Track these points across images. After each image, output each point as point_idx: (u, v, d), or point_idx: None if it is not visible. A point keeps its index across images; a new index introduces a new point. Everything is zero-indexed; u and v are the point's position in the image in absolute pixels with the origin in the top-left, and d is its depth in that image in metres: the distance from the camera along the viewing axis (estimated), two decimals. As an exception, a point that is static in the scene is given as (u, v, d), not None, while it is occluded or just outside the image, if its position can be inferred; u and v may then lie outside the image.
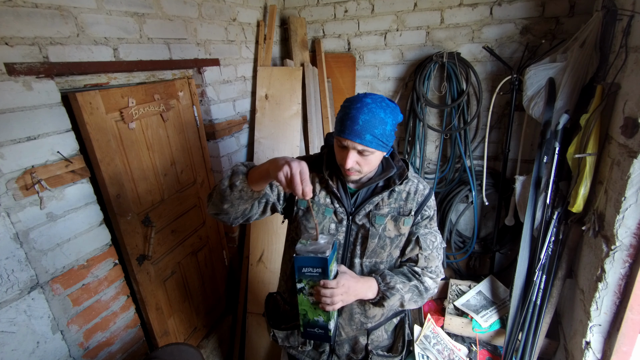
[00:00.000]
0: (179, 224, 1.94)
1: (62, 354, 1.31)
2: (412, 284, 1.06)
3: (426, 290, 1.09)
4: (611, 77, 1.44)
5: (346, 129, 0.94)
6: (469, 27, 2.13)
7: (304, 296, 0.95)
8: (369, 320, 1.15)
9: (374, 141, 0.94)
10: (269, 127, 2.31)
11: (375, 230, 1.06)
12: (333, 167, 1.10)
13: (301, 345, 1.21)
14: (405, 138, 2.43)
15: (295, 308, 1.21)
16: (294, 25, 2.43)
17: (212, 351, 2.24)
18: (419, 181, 1.12)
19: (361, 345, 1.19)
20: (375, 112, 0.93)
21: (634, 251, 1.26)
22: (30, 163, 1.17)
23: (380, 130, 0.94)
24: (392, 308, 1.07)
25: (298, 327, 1.19)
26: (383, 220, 1.06)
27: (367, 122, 0.92)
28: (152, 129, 1.71)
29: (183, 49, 1.78)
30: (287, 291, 1.25)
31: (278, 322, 1.26)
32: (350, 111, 0.94)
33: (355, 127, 0.92)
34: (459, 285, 2.31)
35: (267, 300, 1.36)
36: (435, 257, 1.11)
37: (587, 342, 1.45)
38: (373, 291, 1.02)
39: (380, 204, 1.07)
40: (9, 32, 1.10)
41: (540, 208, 1.73)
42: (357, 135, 0.92)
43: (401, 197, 1.09)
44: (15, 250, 1.15)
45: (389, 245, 1.09)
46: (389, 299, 1.01)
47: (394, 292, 1.02)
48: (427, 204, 1.10)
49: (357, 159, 0.97)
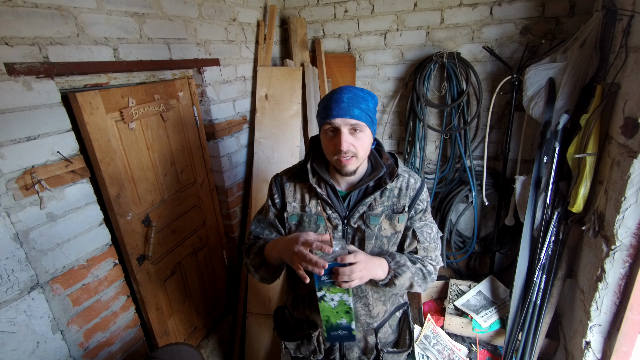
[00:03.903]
0: (179, 224, 1.94)
1: (62, 354, 1.31)
2: (417, 266, 1.07)
3: (429, 274, 1.09)
4: (611, 77, 1.44)
5: (333, 111, 0.97)
6: (469, 27, 2.13)
7: (325, 303, 0.96)
8: (374, 319, 1.16)
9: (363, 115, 0.97)
10: (269, 127, 2.31)
11: (371, 232, 1.06)
12: (320, 173, 1.08)
13: (312, 354, 1.21)
14: (405, 138, 2.43)
15: (299, 321, 1.23)
16: (294, 25, 2.43)
17: (212, 351, 2.24)
18: (409, 175, 1.11)
19: (371, 345, 1.19)
20: (355, 92, 0.99)
21: (634, 251, 1.26)
22: (30, 163, 1.17)
23: (365, 105, 0.98)
24: (402, 287, 1.05)
25: (307, 336, 1.19)
26: (378, 220, 1.06)
27: (351, 99, 0.97)
28: (152, 129, 1.71)
29: (183, 49, 1.78)
30: (291, 305, 1.26)
31: (287, 334, 1.27)
32: (332, 96, 0.99)
33: (342, 105, 0.96)
34: (459, 285, 2.31)
35: (275, 313, 1.37)
36: (433, 248, 1.12)
37: (587, 342, 1.45)
38: (384, 270, 1.00)
39: (373, 204, 1.07)
40: (9, 32, 1.10)
41: (540, 208, 1.73)
42: (346, 112, 0.96)
43: (393, 194, 1.08)
44: (15, 250, 1.15)
45: (387, 244, 1.09)
46: (400, 277, 1.01)
47: (405, 269, 1.02)
48: (419, 197, 1.10)
49: (351, 140, 0.98)
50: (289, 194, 1.12)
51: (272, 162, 2.29)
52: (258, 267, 1.10)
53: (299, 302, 1.20)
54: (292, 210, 1.11)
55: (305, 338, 1.19)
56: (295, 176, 1.14)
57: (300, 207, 1.11)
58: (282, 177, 1.16)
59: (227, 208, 2.28)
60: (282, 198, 1.13)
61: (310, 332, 1.18)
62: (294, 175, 1.14)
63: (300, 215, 1.10)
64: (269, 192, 1.17)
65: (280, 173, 1.18)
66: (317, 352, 1.19)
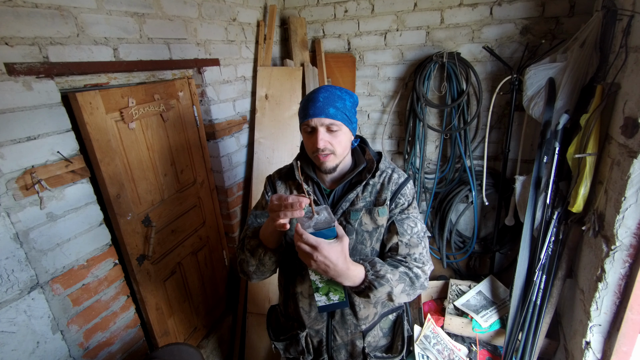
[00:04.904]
0: (179, 224, 1.94)
1: (62, 354, 1.31)
2: (401, 270, 0.97)
3: (417, 278, 0.99)
4: (611, 77, 1.44)
5: (309, 110, 0.98)
6: (469, 27, 2.13)
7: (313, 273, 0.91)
8: (362, 321, 1.13)
9: (338, 114, 0.99)
10: (269, 127, 2.31)
11: (351, 227, 1.05)
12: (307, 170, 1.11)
13: (301, 355, 1.20)
14: (405, 138, 2.43)
15: (290, 319, 1.23)
16: (294, 25, 2.43)
17: (212, 351, 2.24)
18: (393, 171, 1.11)
19: (358, 349, 1.17)
20: (332, 91, 1.01)
21: (634, 251, 1.26)
22: (30, 163, 1.17)
23: (341, 104, 0.99)
24: (378, 300, 0.99)
25: (295, 337, 1.19)
26: (358, 215, 1.06)
27: (326, 98, 0.99)
28: (152, 129, 1.71)
29: (183, 49, 1.78)
30: (282, 304, 1.26)
31: (278, 333, 1.28)
32: (310, 96, 1.02)
33: (317, 105, 0.98)
34: (459, 285, 2.31)
35: (269, 312, 1.38)
36: (416, 244, 1.04)
37: (587, 342, 1.45)
38: (359, 277, 0.91)
39: (355, 200, 1.07)
40: (9, 32, 1.10)
41: (540, 208, 1.73)
42: (321, 111, 0.97)
43: (376, 189, 1.09)
44: (15, 250, 1.15)
45: (369, 239, 1.07)
46: (376, 290, 0.91)
47: (383, 282, 0.91)
48: (401, 192, 1.07)
49: (327, 138, 0.99)
50: (280, 191, 1.16)
51: (272, 162, 2.29)
52: (254, 249, 1.03)
53: (289, 300, 1.20)
54: None
55: (294, 338, 1.19)
56: (285, 175, 1.19)
57: None
58: (274, 176, 1.21)
59: (227, 208, 2.28)
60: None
61: (297, 333, 1.18)
62: (285, 174, 1.19)
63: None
64: (264, 189, 1.22)
65: (273, 173, 1.24)
66: (305, 352, 1.19)
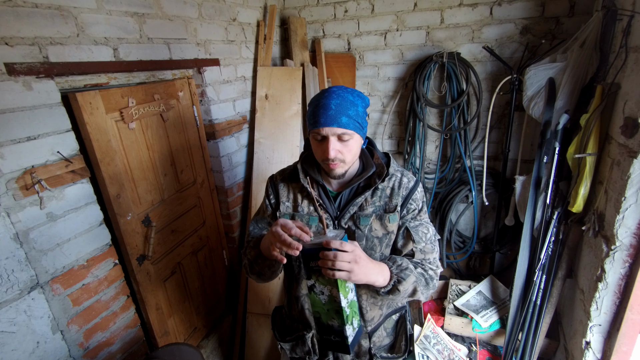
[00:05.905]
0: (179, 224, 1.94)
1: (62, 354, 1.31)
2: (418, 271, 1.02)
3: (431, 279, 1.04)
4: (611, 77, 1.44)
5: (320, 118, 0.94)
6: (469, 27, 2.13)
7: (315, 295, 0.88)
8: (368, 323, 1.14)
9: (351, 122, 0.94)
10: (269, 127, 2.31)
11: (361, 232, 1.04)
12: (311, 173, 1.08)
13: (307, 355, 1.19)
14: (405, 138, 2.43)
15: (295, 321, 1.22)
16: (294, 25, 2.43)
17: (212, 351, 2.24)
18: (402, 175, 1.09)
19: (364, 349, 1.18)
20: (344, 96, 0.95)
21: (634, 251, 1.26)
22: (30, 163, 1.17)
23: (354, 111, 0.95)
24: (406, 294, 1.00)
25: (302, 337, 1.18)
26: (368, 220, 1.04)
27: (339, 105, 0.93)
28: (152, 129, 1.71)
29: (183, 49, 1.78)
30: (287, 305, 1.26)
31: (284, 334, 1.27)
32: (320, 101, 0.96)
33: (329, 113, 0.93)
34: (459, 285, 2.31)
35: (273, 313, 1.37)
36: (431, 250, 1.07)
37: (587, 342, 1.45)
38: (385, 276, 0.94)
39: (364, 204, 1.05)
40: (9, 32, 1.10)
41: (540, 208, 1.73)
42: (334, 120, 0.93)
43: (385, 193, 1.06)
44: (15, 250, 1.15)
45: (378, 245, 1.06)
46: (404, 281, 0.94)
47: (408, 272, 0.96)
48: (412, 197, 1.07)
49: (338, 147, 0.96)
50: (282, 194, 1.13)
51: (272, 162, 2.29)
52: (254, 260, 1.07)
53: (293, 303, 1.20)
54: (285, 209, 1.11)
55: (300, 339, 1.19)
56: (289, 177, 1.15)
57: (293, 207, 1.11)
58: (276, 177, 1.17)
59: (227, 208, 2.28)
60: (277, 198, 1.14)
61: (304, 334, 1.17)
62: (288, 176, 1.15)
63: (293, 215, 1.10)
64: (266, 192, 1.18)
65: (275, 174, 1.19)
66: (312, 353, 1.18)
